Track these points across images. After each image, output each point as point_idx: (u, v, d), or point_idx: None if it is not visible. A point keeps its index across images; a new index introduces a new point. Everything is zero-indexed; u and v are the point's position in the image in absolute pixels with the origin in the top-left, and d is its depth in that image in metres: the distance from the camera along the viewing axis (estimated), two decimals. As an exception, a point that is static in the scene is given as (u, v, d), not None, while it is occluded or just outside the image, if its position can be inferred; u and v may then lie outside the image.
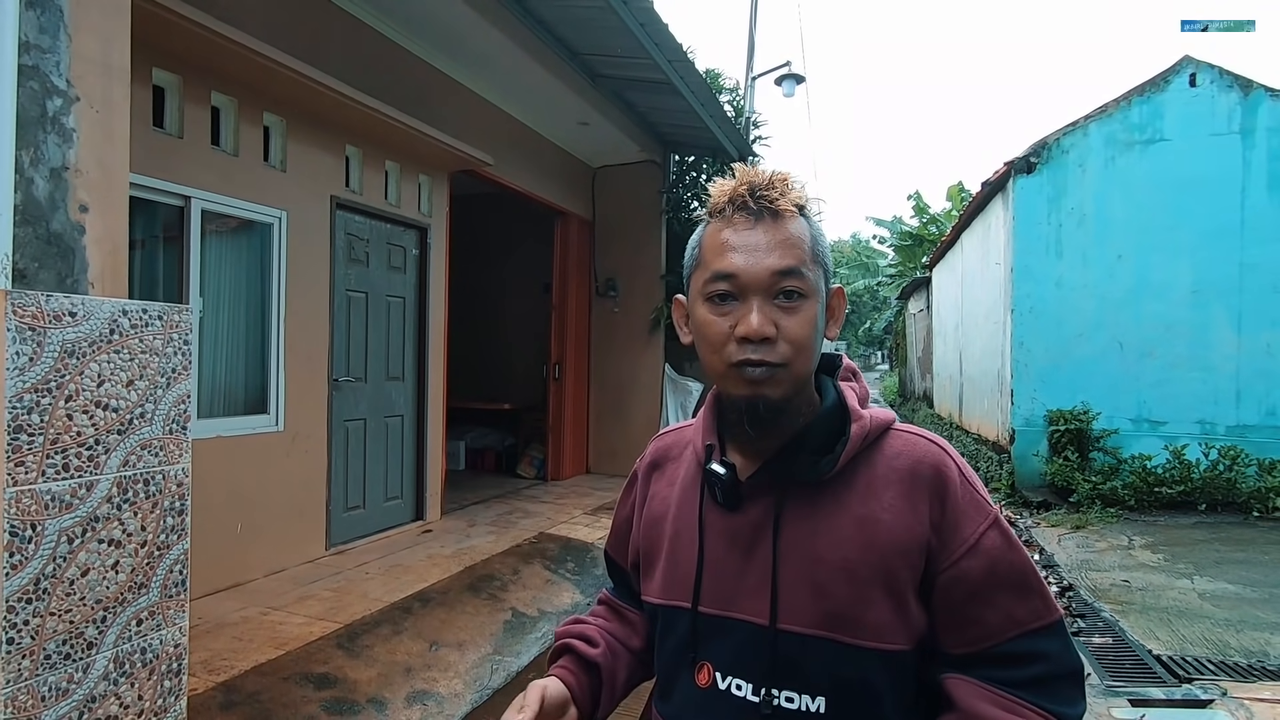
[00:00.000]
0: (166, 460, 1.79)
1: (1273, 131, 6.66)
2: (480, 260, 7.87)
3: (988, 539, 0.76)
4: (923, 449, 0.80)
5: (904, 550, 0.76)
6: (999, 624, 0.76)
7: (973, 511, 0.77)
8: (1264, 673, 3.06)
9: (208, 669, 2.75)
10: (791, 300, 0.76)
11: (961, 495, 0.78)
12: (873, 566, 0.76)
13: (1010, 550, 0.77)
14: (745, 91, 8.49)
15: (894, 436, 0.82)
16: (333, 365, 4.35)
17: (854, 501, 0.78)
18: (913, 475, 0.78)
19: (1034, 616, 0.76)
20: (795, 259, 0.77)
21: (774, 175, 0.79)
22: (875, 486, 0.79)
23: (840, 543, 0.77)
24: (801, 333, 0.76)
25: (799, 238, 0.78)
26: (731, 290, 0.77)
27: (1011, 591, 0.76)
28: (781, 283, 0.76)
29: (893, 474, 0.79)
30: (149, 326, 1.76)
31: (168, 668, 1.79)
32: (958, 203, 17.26)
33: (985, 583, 0.76)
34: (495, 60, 5.16)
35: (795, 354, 0.76)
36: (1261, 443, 6.45)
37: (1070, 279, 7.14)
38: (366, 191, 4.58)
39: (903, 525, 0.77)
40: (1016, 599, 0.76)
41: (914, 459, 0.79)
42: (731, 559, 0.82)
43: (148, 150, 3.24)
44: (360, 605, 3.48)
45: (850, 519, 0.78)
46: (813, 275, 0.78)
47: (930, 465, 0.79)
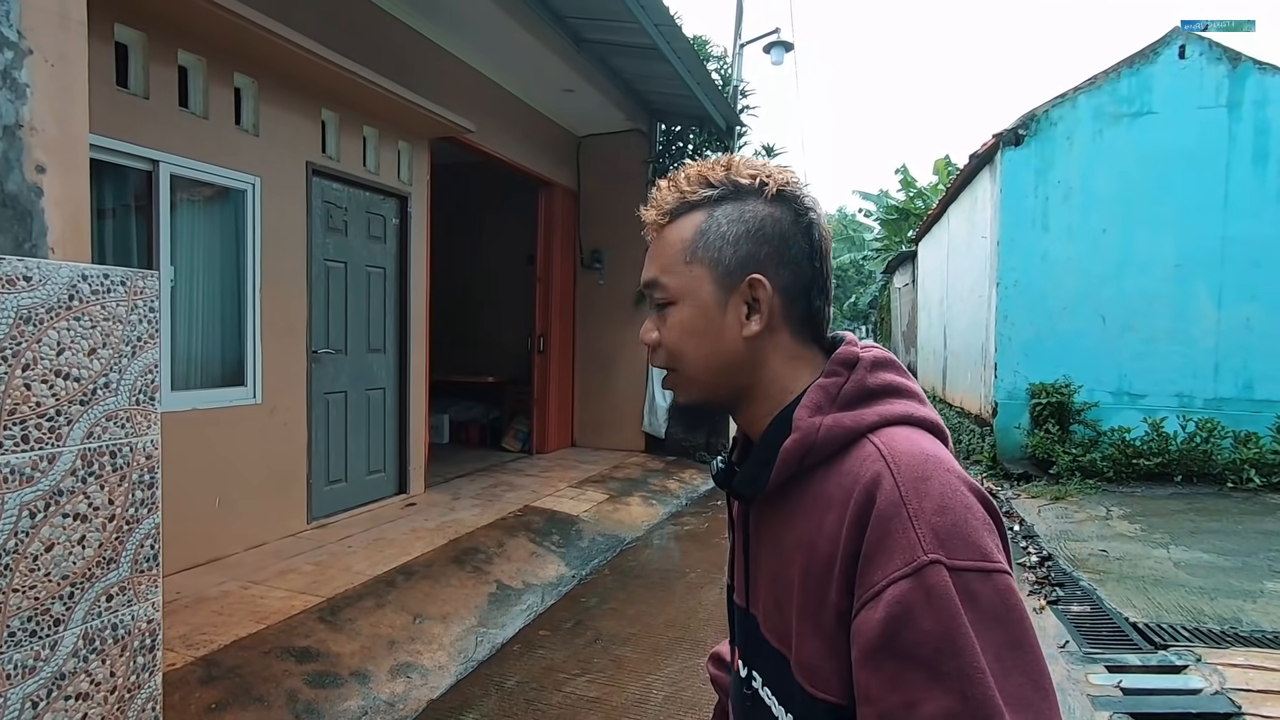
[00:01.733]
0: (134, 432, 1.72)
1: (1259, 105, 6.65)
2: (463, 231, 7.73)
3: (898, 589, 0.56)
4: (870, 467, 0.63)
5: (830, 586, 0.63)
6: (891, 711, 0.56)
7: (895, 550, 0.58)
8: (1236, 639, 3.12)
9: (187, 644, 2.71)
10: (662, 310, 0.77)
11: (889, 526, 0.59)
12: (809, 594, 0.65)
13: (929, 613, 0.55)
14: (733, 60, 8.33)
15: (863, 447, 0.65)
16: (311, 337, 4.26)
17: (800, 518, 0.68)
18: (851, 497, 0.63)
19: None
20: (655, 269, 0.77)
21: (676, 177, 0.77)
22: (821, 504, 0.66)
23: (788, 561, 0.69)
24: (670, 338, 0.76)
25: (667, 243, 0.76)
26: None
27: (915, 669, 0.55)
28: (652, 293, 0.77)
29: (840, 493, 0.64)
30: (111, 293, 1.68)
31: (140, 644, 1.75)
32: (944, 176, 17.22)
33: (879, 646, 0.57)
34: (477, 23, 5.00)
35: (673, 360, 0.76)
36: (1237, 415, 6.55)
37: (1055, 253, 7.15)
38: (344, 158, 4.45)
39: (830, 554, 0.63)
40: (921, 683, 0.55)
41: (858, 478, 0.63)
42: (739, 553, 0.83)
43: (112, 110, 3.11)
44: (343, 579, 3.45)
45: (796, 537, 0.68)
46: (679, 278, 0.74)
47: (865, 487, 0.62)
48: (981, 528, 0.59)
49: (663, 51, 5.26)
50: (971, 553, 0.58)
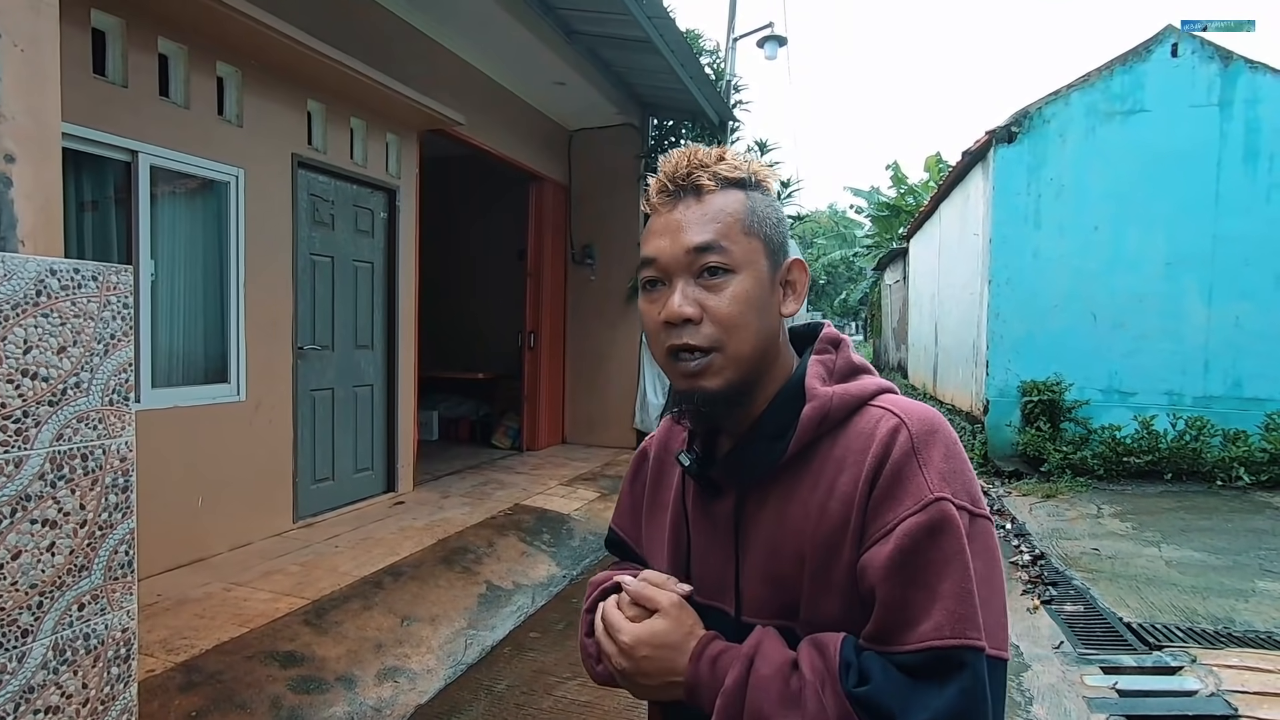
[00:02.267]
0: (107, 434, 1.65)
1: (1250, 104, 6.66)
2: (452, 225, 7.64)
3: (908, 524, 0.64)
4: (885, 423, 0.70)
5: (840, 538, 0.69)
6: (893, 626, 0.64)
7: (905, 493, 0.66)
8: (1230, 639, 3.11)
9: (167, 648, 2.64)
10: (716, 277, 0.71)
11: (900, 473, 0.67)
12: (821, 558, 0.70)
13: (933, 542, 0.64)
14: (726, 54, 8.27)
15: (867, 412, 0.73)
16: (297, 332, 4.18)
17: (808, 487, 0.72)
18: (866, 454, 0.69)
19: (934, 633, 0.62)
20: (714, 233, 0.72)
21: (699, 153, 0.75)
22: (831, 470, 0.71)
23: (795, 533, 0.72)
24: (729, 310, 0.71)
25: (722, 210, 0.73)
26: (658, 276, 0.74)
27: (917, 591, 0.63)
28: (701, 259, 0.71)
29: (850, 455, 0.70)
30: (82, 288, 1.60)
31: (114, 654, 1.68)
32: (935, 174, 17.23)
33: (886, 573, 0.64)
34: (467, 13, 4.91)
35: (725, 335, 0.71)
36: (1226, 413, 6.59)
37: (1047, 250, 7.15)
38: (331, 150, 4.36)
39: (843, 514, 0.69)
40: (921, 604, 0.63)
41: (870, 436, 0.70)
42: (715, 547, 0.80)
43: (88, 99, 3.01)
44: (329, 580, 3.38)
45: (804, 507, 0.72)
46: (741, 247, 0.72)
47: (881, 441, 0.69)
48: (974, 478, 0.70)
49: (656, 44, 5.19)
50: (968, 496, 0.67)
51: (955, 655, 0.62)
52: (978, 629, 0.63)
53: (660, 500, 0.90)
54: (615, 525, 0.99)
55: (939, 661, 0.62)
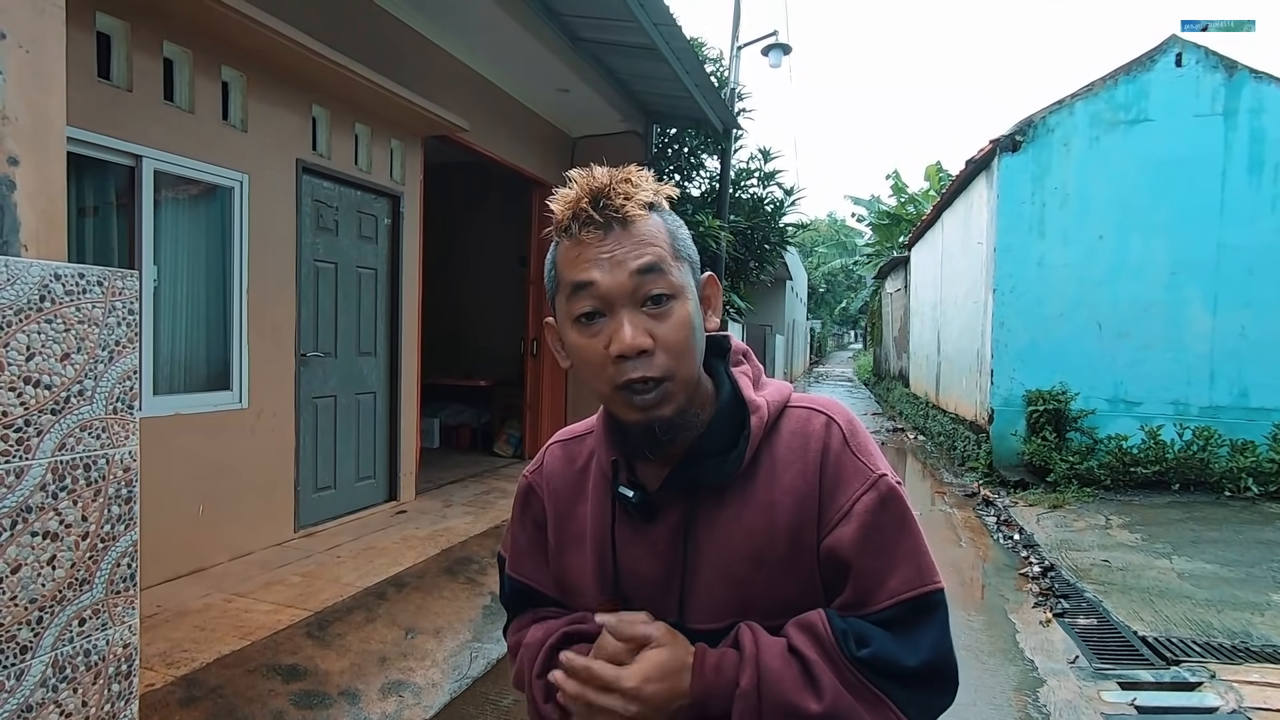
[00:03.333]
0: (110, 443, 1.60)
1: (1255, 113, 6.66)
2: (455, 231, 7.60)
3: (863, 502, 0.74)
4: (813, 423, 0.78)
5: (800, 528, 0.75)
6: (868, 590, 0.73)
7: (852, 477, 0.75)
8: (1248, 654, 3.06)
9: (166, 661, 2.58)
10: (660, 305, 0.71)
11: (841, 462, 0.76)
12: (778, 550, 0.75)
13: (887, 512, 0.74)
14: (730, 62, 8.26)
15: (790, 414, 0.80)
16: (300, 339, 4.13)
17: (759, 490, 0.77)
18: (805, 451, 0.77)
19: (904, 586, 0.72)
20: (653, 256, 0.71)
21: (614, 178, 0.73)
22: (776, 470, 0.77)
23: (751, 534, 0.76)
24: (678, 338, 0.72)
25: (655, 235, 0.73)
26: (597, 307, 0.72)
27: (881, 556, 0.73)
28: (645, 286, 0.71)
29: (790, 454, 0.77)
30: (87, 293, 1.56)
31: (115, 670, 1.63)
32: (935, 183, 17.26)
33: (857, 548, 0.73)
34: (472, 19, 4.89)
35: (676, 362, 0.72)
36: (1233, 423, 6.55)
37: (1051, 259, 7.13)
38: (335, 155, 4.32)
39: (797, 504, 0.75)
40: (886, 565, 0.73)
41: (806, 435, 0.78)
42: (653, 567, 0.80)
43: (92, 103, 2.98)
44: (331, 590, 3.33)
45: (756, 508, 0.76)
46: (677, 272, 0.73)
47: (817, 438, 0.77)
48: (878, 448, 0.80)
49: (661, 51, 5.18)
50: (889, 467, 0.78)
51: (926, 599, 0.72)
52: (935, 572, 0.74)
53: (572, 535, 0.86)
54: (515, 573, 0.91)
55: (916, 607, 0.72)
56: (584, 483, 0.86)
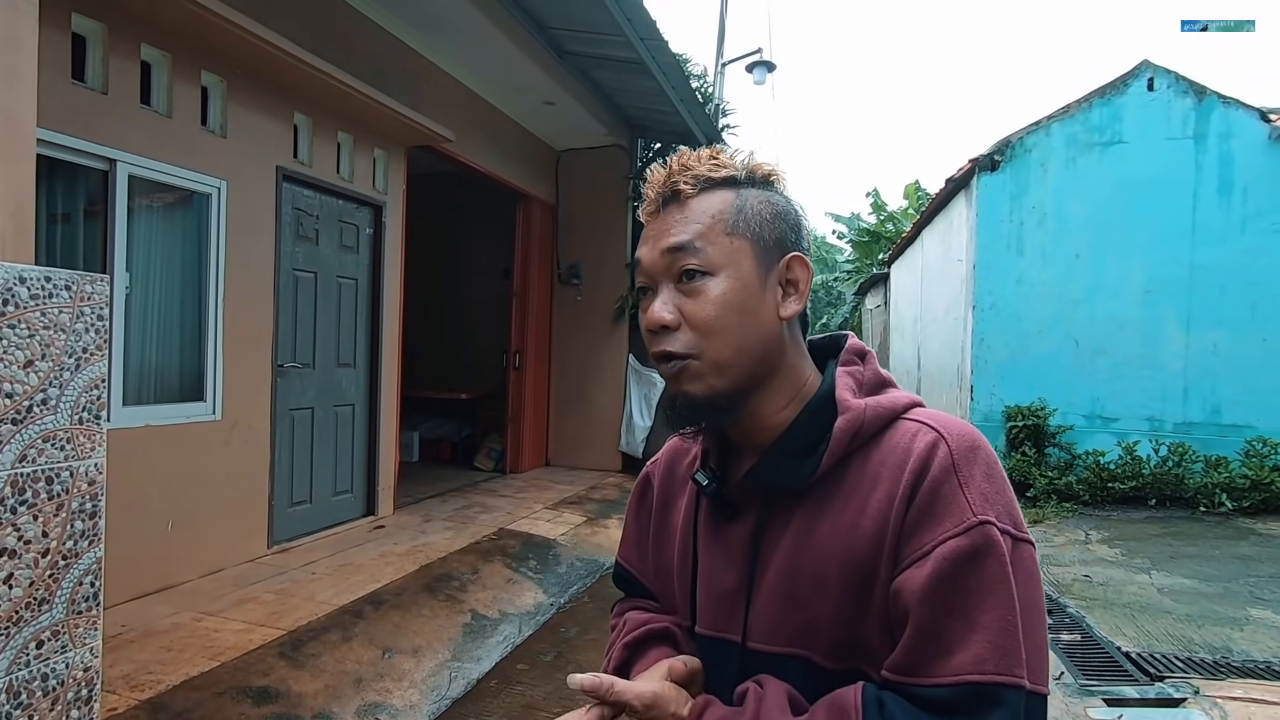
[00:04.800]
0: (75, 455, 1.53)
1: (1223, 137, 6.84)
2: (438, 242, 7.54)
3: (947, 547, 0.60)
4: (919, 439, 0.66)
5: (876, 560, 0.65)
6: (925, 658, 0.59)
7: (945, 513, 0.62)
8: (1230, 669, 3.08)
9: (130, 684, 2.47)
10: (693, 281, 0.69)
11: (939, 491, 0.63)
12: (847, 581, 0.65)
13: (976, 568, 0.59)
14: (715, 78, 8.33)
15: (900, 426, 0.69)
16: (277, 350, 4.04)
17: (838, 506, 0.68)
18: (901, 470, 0.65)
19: (972, 667, 0.57)
20: (690, 234, 0.69)
21: (685, 157, 0.73)
22: (864, 487, 0.67)
23: (820, 553, 0.68)
24: (704, 315, 0.68)
25: (703, 212, 0.70)
26: (646, 283, 0.73)
27: (954, 620, 0.59)
28: (677, 262, 0.69)
29: (885, 470, 0.67)
30: (54, 298, 1.50)
31: (75, 695, 1.54)
32: (914, 201, 17.51)
33: (923, 598, 0.60)
34: (458, 30, 4.88)
35: (703, 340, 0.68)
36: (1206, 439, 6.65)
37: (1030, 276, 7.24)
38: (316, 164, 4.26)
39: (879, 529, 0.65)
40: (959, 633, 0.59)
41: (906, 451, 0.66)
42: (727, 571, 0.75)
43: (65, 105, 2.90)
44: (306, 609, 3.22)
45: (833, 526, 0.68)
46: (720, 248, 0.69)
47: (919, 456, 0.65)
48: (1015, 500, 0.65)
49: (648, 66, 5.20)
50: (1011, 519, 0.63)
51: (994, 692, 0.57)
52: (1020, 664, 0.58)
53: (669, 525, 0.86)
54: (622, 559, 0.93)
55: (975, 697, 0.57)
56: (687, 476, 0.84)
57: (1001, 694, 0.57)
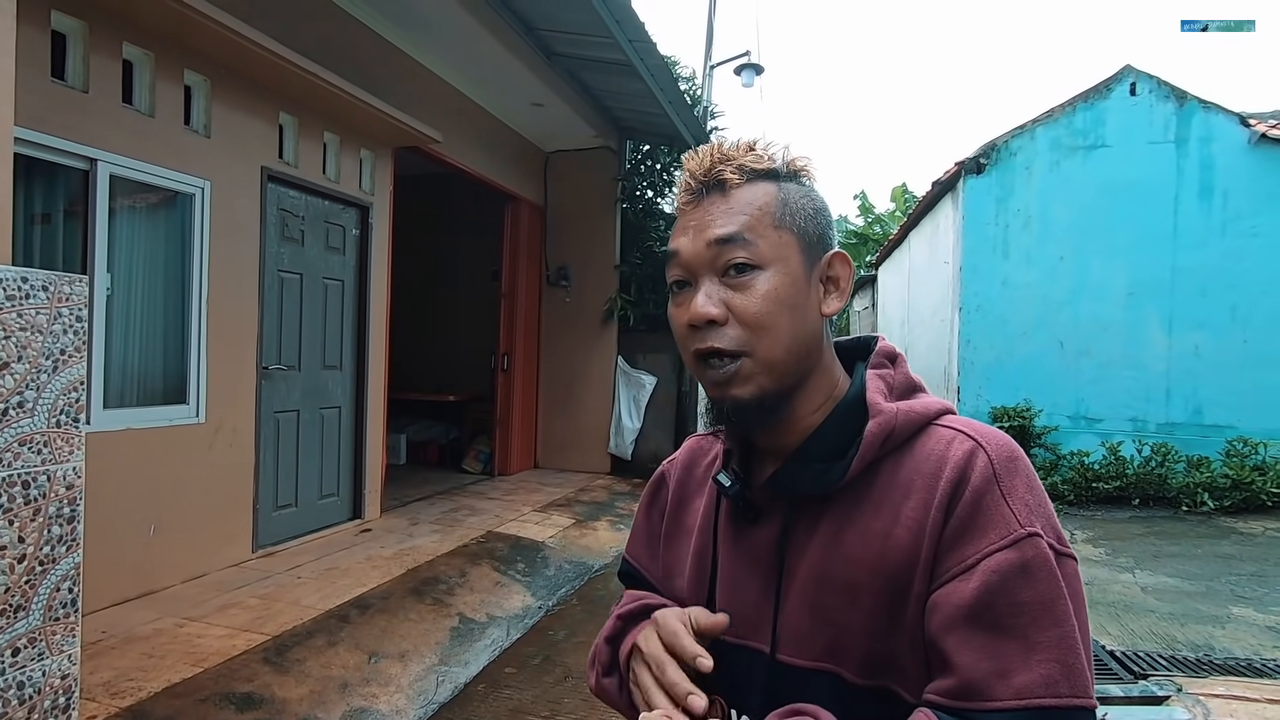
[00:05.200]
0: (52, 458, 1.50)
1: (1204, 141, 6.94)
2: (425, 243, 7.50)
3: (995, 560, 0.58)
4: (956, 447, 0.64)
5: (911, 572, 0.62)
6: (981, 679, 0.56)
7: (989, 525, 0.59)
8: (1212, 667, 3.11)
9: (110, 691, 2.43)
10: (743, 274, 0.67)
11: (981, 502, 0.60)
12: (879, 591, 0.63)
13: (1028, 583, 0.57)
14: (703, 81, 8.35)
15: (933, 432, 0.67)
16: (262, 352, 4.00)
17: (869, 513, 0.65)
18: (936, 479, 0.63)
19: (1043, 689, 0.54)
20: (739, 225, 0.67)
21: (725, 147, 0.71)
22: (896, 495, 0.65)
23: (849, 562, 0.65)
24: (757, 310, 0.66)
25: (749, 204, 0.68)
26: (683, 276, 0.70)
27: (1009, 639, 0.56)
28: (725, 255, 0.67)
29: (919, 479, 0.64)
30: (30, 299, 1.47)
31: (52, 703, 1.52)
32: (901, 204, 17.64)
33: (969, 615, 0.57)
34: (446, 31, 4.86)
35: (754, 337, 0.66)
36: (1188, 439, 6.74)
37: (1015, 278, 7.31)
38: (302, 164, 4.23)
39: (914, 540, 0.62)
40: (1016, 653, 0.56)
41: (942, 460, 0.64)
42: (751, 578, 0.72)
43: (45, 104, 2.86)
44: (291, 613, 3.19)
45: (863, 535, 0.65)
46: (769, 241, 0.67)
47: (956, 465, 0.62)
48: (1053, 510, 0.63)
49: (636, 68, 5.19)
50: (1055, 533, 0.60)
51: (1069, 716, 0.55)
52: (1088, 686, 0.56)
53: (684, 525, 0.84)
54: (629, 555, 0.92)
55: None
56: (706, 476, 0.83)
57: (1076, 717, 0.55)
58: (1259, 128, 6.83)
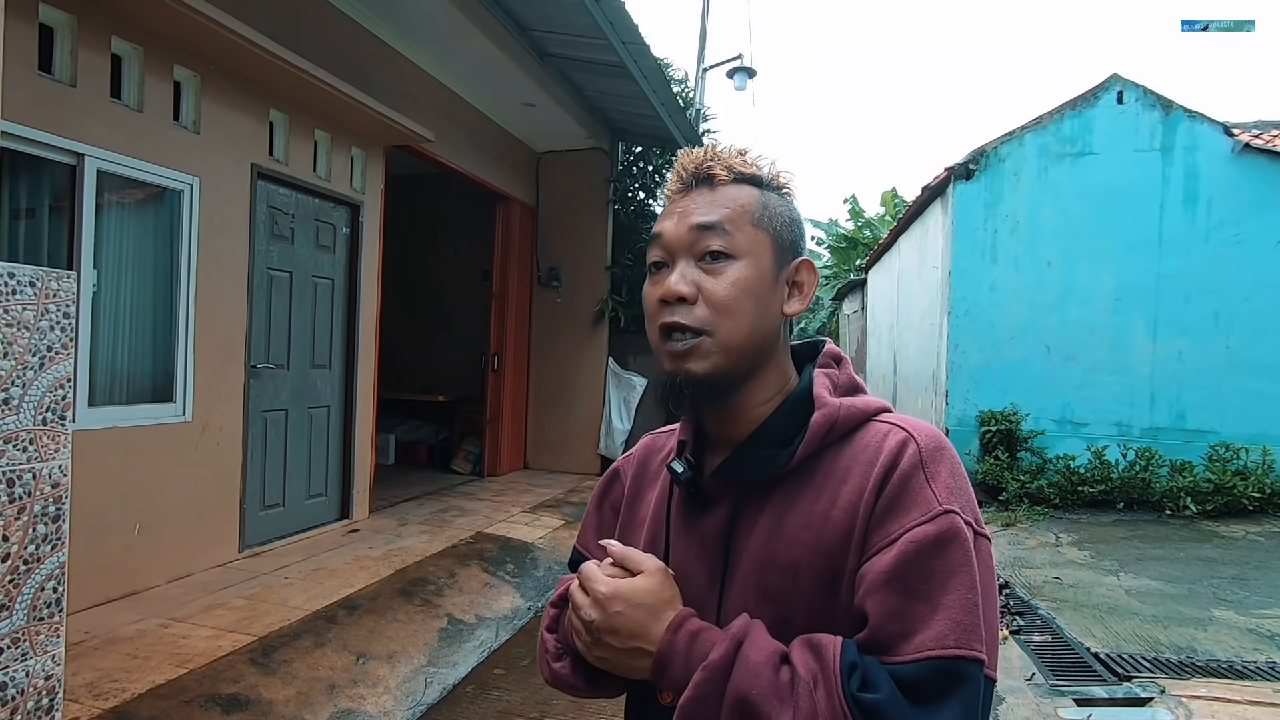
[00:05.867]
0: (38, 456, 1.49)
1: (1188, 150, 7.02)
2: (416, 243, 7.47)
3: (914, 533, 0.63)
4: (894, 438, 0.69)
5: (845, 550, 0.67)
6: (888, 637, 0.61)
7: (913, 504, 0.65)
8: (1195, 668, 3.15)
9: (94, 693, 2.40)
10: (716, 261, 0.72)
11: (908, 485, 0.66)
12: (819, 570, 0.68)
13: (940, 553, 0.62)
14: (696, 84, 8.38)
15: (872, 426, 0.73)
16: (250, 350, 3.97)
17: (810, 497, 0.70)
18: (872, 466, 0.68)
19: (934, 643, 0.59)
20: (719, 215, 0.73)
21: (719, 148, 0.77)
22: (835, 481, 0.70)
23: (791, 543, 0.70)
24: (725, 294, 0.71)
25: (733, 200, 0.74)
26: (662, 257, 0.75)
27: (918, 602, 0.61)
28: (704, 240, 0.72)
29: (856, 466, 0.69)
30: (16, 294, 1.45)
31: (35, 704, 1.50)
32: (891, 208, 17.75)
33: (887, 580, 0.62)
34: (438, 30, 4.84)
35: (718, 318, 0.71)
36: (1172, 444, 6.82)
37: (1003, 283, 7.36)
38: (293, 162, 4.20)
39: (849, 521, 0.67)
40: (922, 614, 0.60)
41: (879, 449, 0.69)
42: (700, 562, 0.76)
43: (32, 97, 2.83)
44: (278, 614, 3.17)
45: (804, 518, 0.70)
46: (746, 236, 0.73)
47: (890, 453, 0.68)
48: (973, 497, 0.68)
49: (629, 70, 5.20)
50: (973, 515, 0.66)
51: (958, 666, 0.59)
52: (980, 640, 0.61)
53: (637, 518, 0.88)
54: (580, 546, 0.95)
55: (941, 672, 0.59)
56: (660, 470, 0.87)
57: (965, 667, 0.59)
58: (1242, 137, 6.93)
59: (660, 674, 0.67)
